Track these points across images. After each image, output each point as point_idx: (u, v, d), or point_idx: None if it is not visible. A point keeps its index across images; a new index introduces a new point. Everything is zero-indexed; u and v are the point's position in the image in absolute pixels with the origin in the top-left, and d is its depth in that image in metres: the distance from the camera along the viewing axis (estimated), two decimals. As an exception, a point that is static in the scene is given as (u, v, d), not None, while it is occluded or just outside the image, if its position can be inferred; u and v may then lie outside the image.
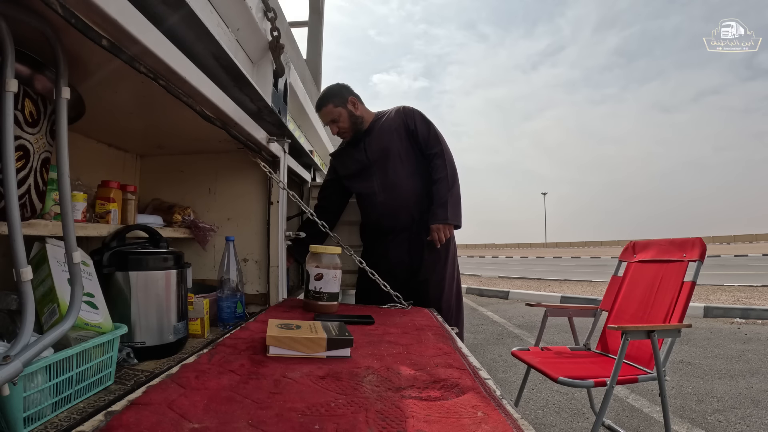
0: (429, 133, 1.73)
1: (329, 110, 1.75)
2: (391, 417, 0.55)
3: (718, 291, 5.99)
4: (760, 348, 3.19)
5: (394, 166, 1.73)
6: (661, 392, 1.43)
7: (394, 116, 1.78)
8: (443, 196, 1.66)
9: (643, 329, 1.42)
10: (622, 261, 1.99)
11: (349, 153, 1.84)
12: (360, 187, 1.82)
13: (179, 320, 1.03)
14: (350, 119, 1.76)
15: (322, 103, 1.76)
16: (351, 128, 1.77)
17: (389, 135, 1.75)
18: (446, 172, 1.68)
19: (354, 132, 1.78)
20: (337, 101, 1.74)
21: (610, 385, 1.36)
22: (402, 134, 1.74)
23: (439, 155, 1.70)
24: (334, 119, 1.75)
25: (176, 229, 1.43)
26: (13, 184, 0.60)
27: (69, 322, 0.66)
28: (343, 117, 1.75)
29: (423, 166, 1.75)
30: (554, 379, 1.41)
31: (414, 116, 1.75)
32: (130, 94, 0.98)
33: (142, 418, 0.52)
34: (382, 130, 1.77)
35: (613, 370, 1.37)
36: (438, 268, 1.73)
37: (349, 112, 1.75)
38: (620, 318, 1.79)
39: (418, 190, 1.73)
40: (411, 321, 1.24)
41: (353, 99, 1.77)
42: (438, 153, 1.70)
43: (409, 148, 1.75)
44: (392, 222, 1.75)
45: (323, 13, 4.67)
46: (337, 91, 1.76)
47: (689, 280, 1.56)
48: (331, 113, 1.75)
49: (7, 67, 0.60)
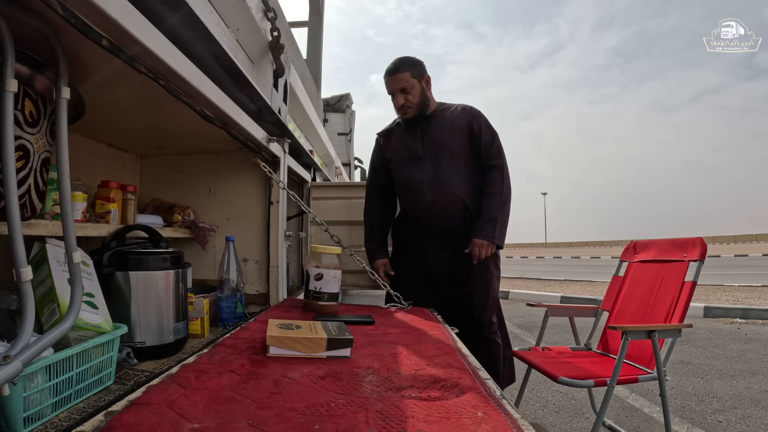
0: (492, 143, 1.64)
1: (405, 77, 1.60)
2: (391, 417, 0.55)
3: (718, 291, 5.99)
4: (760, 348, 3.19)
5: (448, 165, 1.62)
6: (662, 392, 1.43)
7: (460, 114, 1.66)
8: (494, 212, 1.57)
9: (644, 329, 1.42)
10: (623, 261, 1.99)
11: (401, 136, 1.72)
12: (406, 177, 1.68)
13: (179, 320, 1.03)
14: (421, 96, 1.63)
15: (400, 67, 1.60)
16: (417, 106, 1.63)
17: (450, 131, 1.63)
18: (502, 188, 1.59)
19: (418, 112, 1.64)
20: (415, 72, 1.61)
21: (610, 384, 1.36)
22: (464, 135, 1.64)
23: (498, 169, 1.61)
24: (406, 89, 1.60)
25: (176, 229, 1.43)
26: (13, 184, 0.60)
27: (69, 322, 0.66)
28: (415, 90, 1.61)
29: (477, 174, 1.65)
30: (555, 378, 1.41)
31: (480, 121, 1.65)
32: (130, 94, 0.98)
33: (142, 418, 0.52)
34: (444, 123, 1.65)
35: (613, 370, 1.37)
36: (484, 280, 1.63)
37: (422, 89, 1.63)
38: (621, 318, 1.79)
39: (469, 196, 1.62)
40: (411, 321, 1.24)
41: (428, 78, 1.66)
42: (497, 166, 1.62)
43: (467, 152, 1.64)
44: (435, 223, 1.63)
45: (323, 13, 4.67)
46: (417, 63, 1.63)
47: (690, 280, 1.56)
48: (406, 81, 1.60)
49: (7, 67, 0.60)
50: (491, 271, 1.65)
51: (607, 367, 1.55)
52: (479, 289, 1.63)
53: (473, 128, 1.64)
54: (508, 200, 1.61)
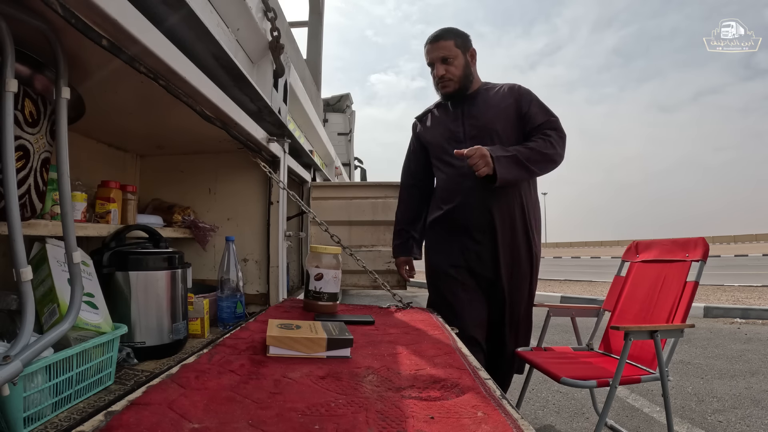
0: (547, 120, 1.44)
1: (449, 46, 1.43)
2: (391, 417, 0.55)
3: (718, 291, 5.99)
4: (760, 348, 3.19)
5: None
6: (664, 392, 1.43)
7: (507, 92, 1.48)
8: (521, 150, 1.35)
9: (646, 329, 1.41)
10: (625, 261, 1.98)
11: (440, 118, 1.55)
12: (445, 163, 1.50)
13: (179, 320, 1.03)
14: (464, 69, 1.46)
15: (444, 35, 1.44)
16: (460, 80, 1.46)
17: (496, 112, 1.45)
18: (547, 149, 1.38)
19: (460, 86, 1.47)
20: (460, 42, 1.45)
21: (613, 385, 1.36)
22: (511, 116, 1.45)
23: (553, 132, 1.42)
24: (449, 58, 1.43)
25: (176, 229, 1.43)
26: (13, 184, 0.60)
27: (69, 322, 0.66)
28: (458, 61, 1.44)
29: None
30: (557, 379, 1.41)
31: (531, 99, 1.46)
32: (130, 94, 0.98)
33: (142, 418, 0.52)
34: (489, 104, 1.47)
35: (615, 371, 1.37)
36: (522, 287, 1.49)
37: (466, 62, 1.46)
38: (623, 318, 1.79)
39: (516, 187, 1.44)
40: (411, 321, 1.24)
41: (474, 52, 1.49)
42: (552, 131, 1.42)
43: (517, 135, 1.45)
44: (475, 217, 1.44)
45: (323, 13, 4.67)
46: (463, 34, 1.46)
47: (692, 280, 1.56)
48: (449, 50, 1.43)
49: (7, 67, 0.60)
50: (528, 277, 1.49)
51: (610, 367, 1.55)
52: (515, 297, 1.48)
53: (521, 107, 1.44)
54: (543, 159, 1.38)
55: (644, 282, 1.79)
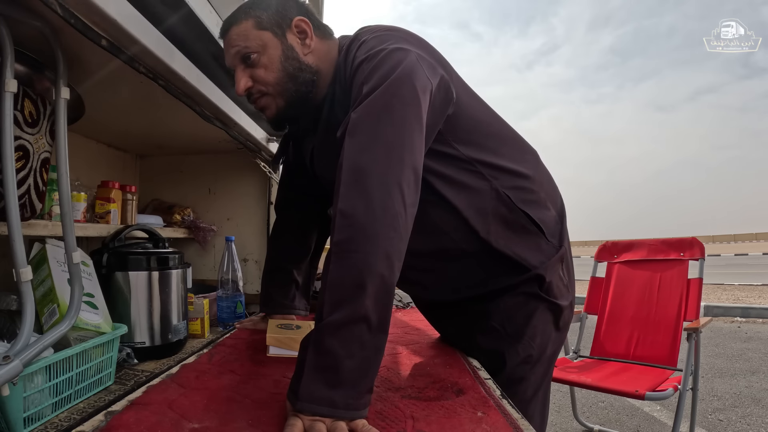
0: (343, 131, 0.71)
1: (245, 32, 0.80)
2: (391, 417, 0.55)
3: (718, 290, 5.99)
4: (761, 347, 3.19)
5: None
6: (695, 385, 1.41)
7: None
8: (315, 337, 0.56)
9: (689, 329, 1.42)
10: (601, 261, 1.95)
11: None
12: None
13: (179, 320, 1.03)
14: (283, 66, 0.76)
15: (236, 18, 0.81)
16: (281, 91, 0.77)
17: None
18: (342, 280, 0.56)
19: (287, 105, 0.72)
20: (265, 17, 0.79)
21: (694, 388, 1.39)
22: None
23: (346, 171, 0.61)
24: (250, 54, 0.75)
25: (176, 229, 1.43)
26: (13, 185, 0.60)
27: (69, 323, 0.66)
28: (270, 54, 0.76)
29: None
30: (641, 396, 1.32)
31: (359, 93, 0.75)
32: (130, 94, 0.98)
33: (142, 418, 0.52)
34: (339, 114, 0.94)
35: (683, 374, 1.38)
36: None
37: (285, 50, 0.78)
38: (618, 321, 1.76)
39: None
40: (411, 321, 1.24)
41: (304, 24, 0.79)
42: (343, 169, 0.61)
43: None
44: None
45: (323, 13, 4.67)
46: (272, 2, 0.80)
47: (696, 277, 1.56)
48: (246, 38, 0.80)
49: (6, 67, 0.60)
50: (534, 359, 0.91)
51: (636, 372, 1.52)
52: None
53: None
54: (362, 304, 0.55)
55: (634, 283, 1.76)
